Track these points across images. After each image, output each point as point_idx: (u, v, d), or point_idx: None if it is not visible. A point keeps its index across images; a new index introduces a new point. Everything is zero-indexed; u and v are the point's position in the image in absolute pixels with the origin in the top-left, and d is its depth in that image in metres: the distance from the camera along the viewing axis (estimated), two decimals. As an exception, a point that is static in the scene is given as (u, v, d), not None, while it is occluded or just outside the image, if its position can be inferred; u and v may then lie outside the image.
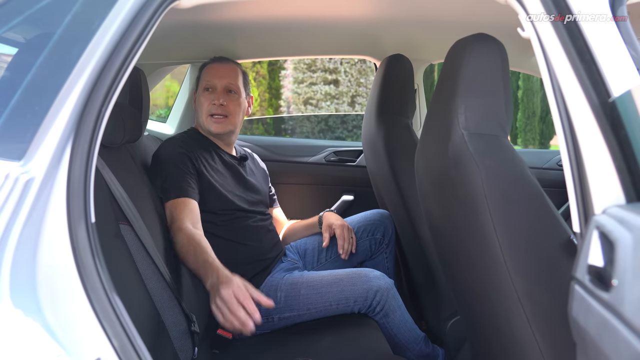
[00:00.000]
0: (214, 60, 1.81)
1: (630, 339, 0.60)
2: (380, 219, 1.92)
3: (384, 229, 1.90)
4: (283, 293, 1.55)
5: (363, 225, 1.89)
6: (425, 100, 2.38)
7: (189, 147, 1.63)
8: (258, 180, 1.83)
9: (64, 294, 0.83)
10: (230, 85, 1.73)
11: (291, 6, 1.61)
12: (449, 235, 1.21)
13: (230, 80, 1.73)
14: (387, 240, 1.91)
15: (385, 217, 1.93)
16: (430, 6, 1.61)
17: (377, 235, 1.89)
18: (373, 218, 1.93)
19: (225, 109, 1.71)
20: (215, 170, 1.64)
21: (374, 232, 1.89)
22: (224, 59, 1.81)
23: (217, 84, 1.73)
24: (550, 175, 2.38)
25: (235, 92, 1.74)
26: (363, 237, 1.88)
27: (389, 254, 1.93)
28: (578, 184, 0.80)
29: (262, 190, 1.82)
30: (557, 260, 0.93)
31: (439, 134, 1.11)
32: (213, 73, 1.75)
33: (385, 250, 1.91)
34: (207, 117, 1.72)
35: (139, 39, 0.88)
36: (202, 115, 1.73)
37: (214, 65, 1.78)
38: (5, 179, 0.81)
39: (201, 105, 1.73)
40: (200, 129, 1.77)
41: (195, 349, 1.31)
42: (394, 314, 1.57)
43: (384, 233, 1.90)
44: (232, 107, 1.72)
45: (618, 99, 0.78)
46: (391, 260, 1.93)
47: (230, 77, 1.74)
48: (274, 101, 9.12)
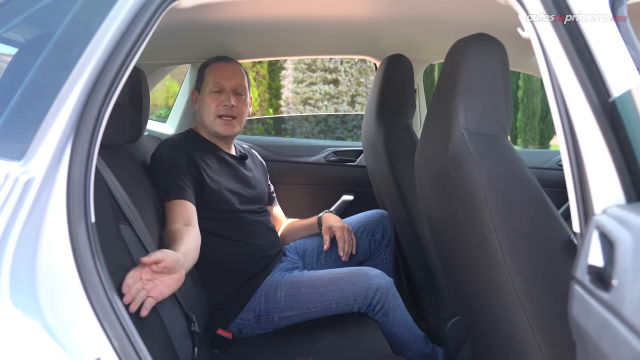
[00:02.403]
0: (218, 59, 1.78)
1: (630, 339, 0.60)
2: (379, 219, 1.92)
3: (383, 229, 1.90)
4: (283, 292, 1.55)
5: (362, 225, 1.89)
6: (425, 100, 2.38)
7: (187, 147, 1.61)
8: (257, 176, 1.83)
9: (64, 294, 0.83)
10: (238, 86, 1.73)
11: (291, 6, 1.61)
12: (449, 235, 1.21)
13: (238, 82, 1.73)
14: (387, 241, 1.91)
15: (384, 217, 1.93)
16: (430, 6, 1.61)
17: (376, 235, 1.89)
18: (372, 218, 1.92)
19: (234, 110, 1.70)
20: (215, 170, 1.63)
21: (374, 233, 1.89)
22: (228, 59, 1.80)
23: (225, 85, 1.71)
24: (550, 175, 2.38)
25: (242, 94, 1.74)
26: (362, 238, 1.88)
27: (389, 254, 1.92)
28: (578, 184, 0.81)
29: (261, 186, 1.82)
30: (557, 260, 0.93)
31: (439, 134, 1.11)
32: (221, 74, 1.73)
33: (384, 250, 1.91)
34: (215, 119, 1.69)
35: (139, 39, 0.88)
36: (209, 117, 1.70)
37: (220, 65, 1.75)
38: (5, 179, 0.81)
39: (208, 107, 1.70)
40: (201, 130, 1.75)
41: (195, 349, 1.31)
42: (394, 313, 1.57)
43: (384, 233, 1.90)
44: (241, 108, 1.72)
45: (618, 99, 0.78)
46: (390, 260, 1.93)
47: (238, 79, 1.73)
48: (274, 101, 9.11)
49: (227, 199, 1.62)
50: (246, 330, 1.56)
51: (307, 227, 1.92)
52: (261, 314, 1.55)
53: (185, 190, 1.52)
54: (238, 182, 1.69)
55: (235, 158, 1.76)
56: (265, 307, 1.55)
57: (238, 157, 1.78)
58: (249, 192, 1.72)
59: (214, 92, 1.70)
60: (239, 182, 1.70)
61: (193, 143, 1.68)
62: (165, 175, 1.54)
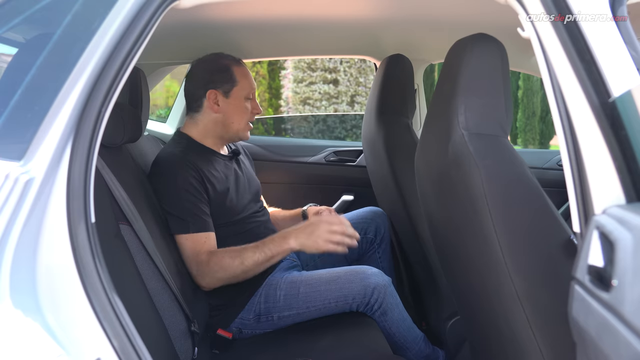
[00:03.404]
0: (240, 62, 1.71)
1: (630, 339, 0.60)
2: (372, 217, 1.89)
3: (375, 228, 1.87)
4: (282, 292, 1.55)
5: (354, 223, 1.84)
6: (425, 100, 2.39)
7: (195, 166, 1.54)
8: (250, 170, 1.83)
9: (64, 294, 0.83)
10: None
11: (291, 6, 1.61)
12: (449, 235, 1.21)
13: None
14: (380, 240, 1.88)
15: (377, 215, 1.90)
16: (430, 6, 1.61)
17: (369, 234, 1.86)
18: (365, 216, 1.90)
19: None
20: (219, 180, 1.60)
21: (366, 231, 1.86)
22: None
23: (254, 90, 1.71)
24: (550, 175, 2.38)
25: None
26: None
27: (382, 253, 1.89)
28: (578, 184, 0.81)
29: (255, 181, 1.81)
30: (557, 260, 0.93)
31: (439, 134, 1.11)
32: (250, 79, 1.69)
33: (377, 249, 1.88)
34: (246, 125, 1.69)
35: (139, 39, 0.88)
36: (241, 122, 1.67)
37: (245, 69, 1.70)
38: (5, 179, 0.81)
39: (243, 112, 1.66)
40: (196, 134, 1.67)
41: (195, 349, 1.31)
42: (392, 312, 1.56)
43: (376, 232, 1.87)
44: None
45: (618, 99, 0.78)
46: (385, 259, 1.90)
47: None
48: (274, 101, 9.11)
49: (230, 207, 1.61)
50: (246, 330, 1.56)
51: (291, 218, 1.89)
52: (261, 314, 1.55)
53: (208, 220, 1.52)
54: (238, 185, 1.68)
55: (229, 157, 1.74)
56: (265, 307, 1.55)
57: (231, 155, 1.76)
58: (249, 193, 1.71)
59: (249, 98, 1.68)
60: (239, 185, 1.69)
61: (194, 153, 1.59)
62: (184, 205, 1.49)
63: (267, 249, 1.47)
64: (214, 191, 1.56)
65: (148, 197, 1.45)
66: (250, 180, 1.77)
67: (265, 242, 1.49)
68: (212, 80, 1.65)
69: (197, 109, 1.68)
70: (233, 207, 1.61)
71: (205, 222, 1.51)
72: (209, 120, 1.66)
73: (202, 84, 1.65)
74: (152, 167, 1.59)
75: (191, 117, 1.69)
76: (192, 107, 1.69)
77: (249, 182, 1.74)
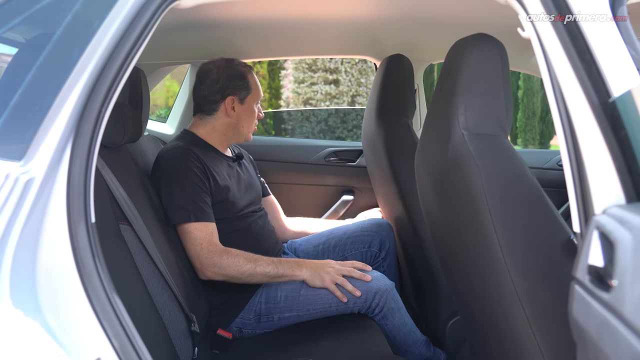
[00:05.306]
0: (252, 69, 1.74)
1: (630, 339, 0.60)
2: (377, 230, 1.83)
3: (380, 241, 1.82)
4: (283, 293, 1.55)
5: (359, 235, 1.82)
6: (425, 100, 2.39)
7: (198, 158, 1.56)
8: (252, 174, 1.83)
9: (64, 294, 0.83)
10: None
11: (291, 6, 1.61)
12: (449, 235, 1.21)
13: None
14: (384, 254, 1.82)
15: (382, 228, 1.84)
16: (430, 6, 1.61)
17: (373, 247, 1.82)
18: (369, 229, 1.84)
19: None
20: (222, 177, 1.61)
21: (370, 244, 1.82)
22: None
23: (262, 97, 1.75)
24: (550, 175, 2.38)
25: None
26: (357, 248, 1.82)
27: (387, 267, 1.84)
28: (578, 184, 0.80)
29: (257, 185, 1.82)
30: (557, 260, 0.93)
31: (439, 134, 1.11)
32: (260, 86, 1.74)
33: (382, 263, 1.83)
34: (253, 128, 1.74)
35: (139, 39, 0.88)
36: (251, 126, 1.73)
37: (255, 77, 1.74)
38: (5, 179, 0.81)
39: (252, 116, 1.72)
40: (204, 133, 1.68)
41: (195, 349, 1.31)
42: (393, 317, 1.56)
43: (381, 246, 1.82)
44: None
45: (618, 99, 0.77)
46: (390, 272, 1.85)
47: None
48: (274, 101, 9.11)
49: (232, 203, 1.61)
50: (246, 330, 1.56)
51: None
52: (262, 314, 1.55)
53: (210, 211, 1.53)
54: (240, 186, 1.69)
55: (232, 159, 1.75)
56: (265, 307, 1.55)
57: (234, 157, 1.77)
58: (250, 194, 1.72)
59: (257, 104, 1.74)
60: (241, 186, 1.69)
61: (200, 150, 1.61)
62: (187, 193, 1.50)
63: (280, 267, 1.51)
64: (216, 185, 1.57)
65: (148, 197, 1.45)
66: (252, 184, 1.77)
67: (282, 261, 1.54)
68: (232, 87, 1.67)
69: (210, 112, 1.68)
70: (233, 203, 1.62)
71: (209, 213, 1.52)
72: (220, 124, 1.68)
73: (221, 88, 1.66)
74: (156, 161, 1.61)
75: (201, 118, 1.70)
76: (205, 109, 1.69)
77: (250, 185, 1.74)
